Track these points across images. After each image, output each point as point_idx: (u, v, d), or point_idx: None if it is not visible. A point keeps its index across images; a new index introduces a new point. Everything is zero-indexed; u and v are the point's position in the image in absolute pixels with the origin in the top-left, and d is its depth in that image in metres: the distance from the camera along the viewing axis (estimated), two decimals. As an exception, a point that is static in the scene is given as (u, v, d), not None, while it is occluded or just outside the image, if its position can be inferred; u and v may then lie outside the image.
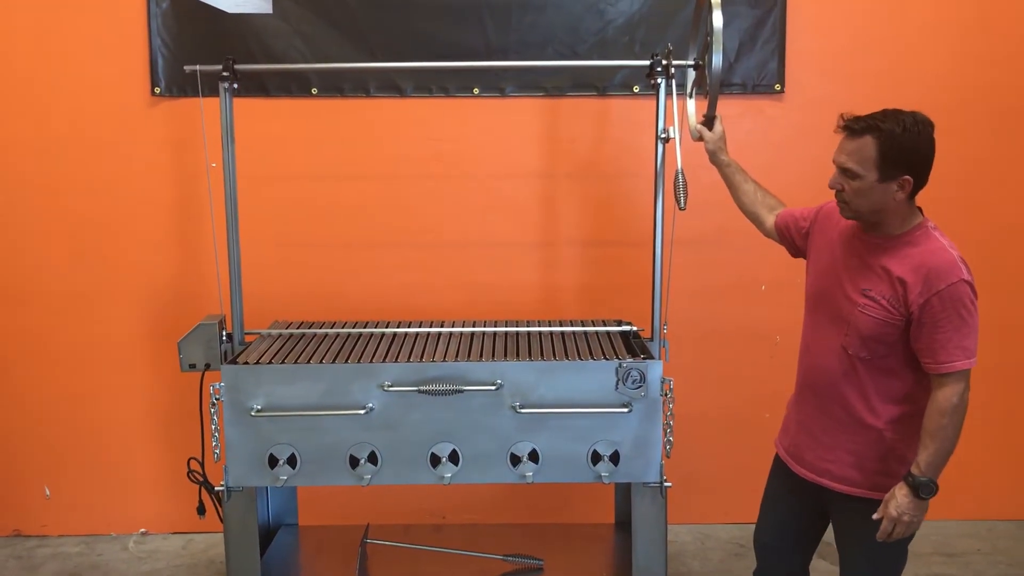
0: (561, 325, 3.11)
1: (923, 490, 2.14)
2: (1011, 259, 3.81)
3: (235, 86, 2.88)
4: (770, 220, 2.63)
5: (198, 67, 2.87)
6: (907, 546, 2.35)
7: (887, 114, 2.15)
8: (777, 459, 2.55)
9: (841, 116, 2.21)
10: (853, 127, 2.17)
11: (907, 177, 2.14)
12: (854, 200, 2.21)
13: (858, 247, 2.29)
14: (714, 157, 2.73)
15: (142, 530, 3.91)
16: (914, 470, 2.16)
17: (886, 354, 2.22)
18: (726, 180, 2.74)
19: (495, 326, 3.10)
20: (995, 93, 3.71)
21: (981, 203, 3.77)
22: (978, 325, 2.16)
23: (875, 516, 2.21)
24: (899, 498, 2.16)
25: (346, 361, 2.72)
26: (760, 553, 2.62)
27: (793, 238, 2.55)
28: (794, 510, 2.50)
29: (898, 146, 2.12)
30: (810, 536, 2.54)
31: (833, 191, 2.28)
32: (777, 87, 3.66)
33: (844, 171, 2.20)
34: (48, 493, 3.87)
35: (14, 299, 3.74)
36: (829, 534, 2.52)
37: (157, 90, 3.62)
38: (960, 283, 2.12)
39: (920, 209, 2.27)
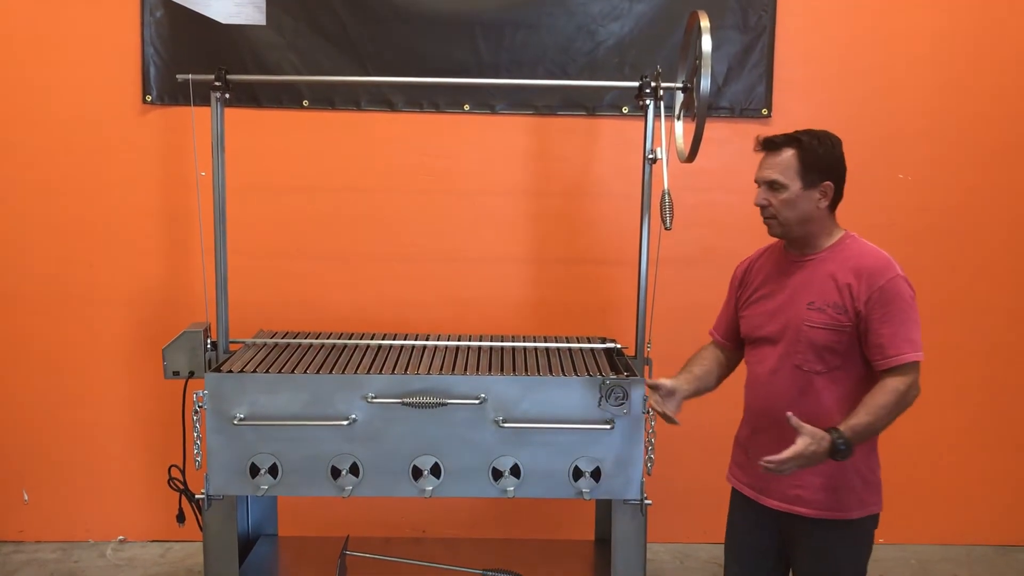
0: (546, 341, 3.13)
1: (839, 449, 2.12)
2: (996, 285, 3.86)
3: (227, 96, 2.90)
4: (723, 351, 2.60)
5: (190, 76, 2.89)
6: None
7: (800, 131, 2.30)
8: (737, 496, 2.53)
9: (758, 137, 2.34)
10: (775, 141, 2.30)
11: (828, 183, 2.28)
12: (782, 212, 2.29)
13: (793, 268, 2.36)
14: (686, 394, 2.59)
15: (120, 537, 3.89)
16: (841, 427, 2.15)
17: (840, 364, 2.26)
18: (703, 391, 2.61)
19: (480, 340, 3.11)
20: (979, 122, 3.77)
21: (965, 230, 3.82)
22: (919, 320, 2.23)
23: (793, 423, 2.15)
24: (819, 441, 2.11)
25: (330, 372, 2.73)
26: None
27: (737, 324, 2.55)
28: (763, 545, 2.48)
29: (816, 155, 2.27)
30: (780, 570, 2.51)
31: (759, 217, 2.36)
32: (764, 112, 3.71)
33: (769, 184, 2.30)
34: (26, 498, 3.85)
35: (-2, 302, 3.74)
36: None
37: (148, 98, 3.63)
38: (897, 278, 2.22)
39: (844, 229, 2.37)
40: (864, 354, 2.25)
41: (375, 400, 2.66)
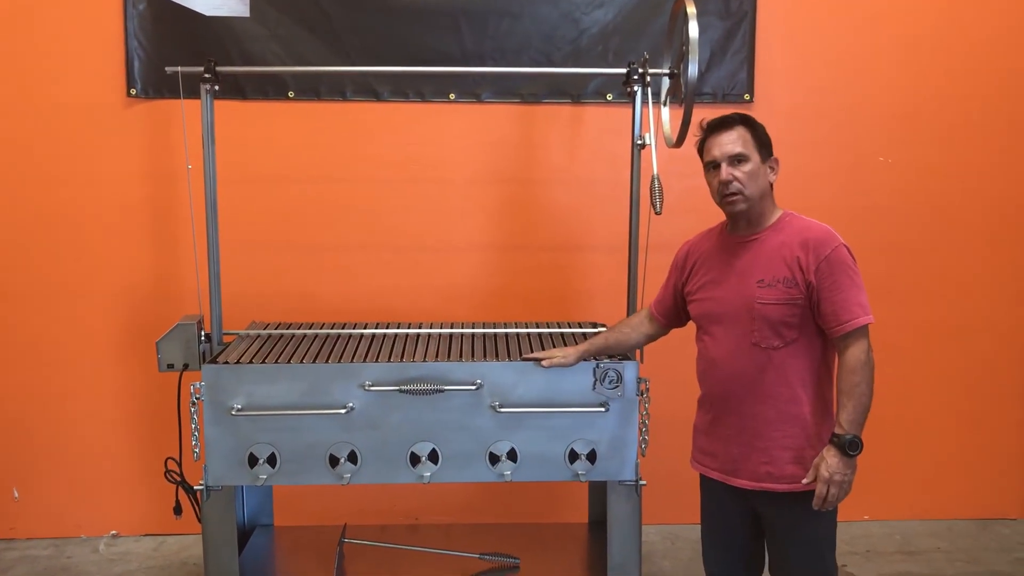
0: (539, 327, 3.16)
1: (850, 447, 2.20)
2: (976, 264, 3.94)
3: (216, 88, 2.90)
4: (653, 324, 2.72)
5: (179, 68, 2.89)
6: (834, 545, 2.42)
7: (737, 112, 2.40)
8: (706, 480, 2.55)
9: (702, 121, 2.41)
10: (728, 120, 2.36)
11: (775, 157, 2.39)
12: (748, 185, 2.33)
13: (738, 250, 2.40)
14: (589, 355, 2.74)
15: (113, 532, 3.88)
16: (837, 430, 2.23)
17: (796, 337, 2.30)
18: (615, 351, 2.77)
19: (474, 327, 3.14)
20: (961, 104, 3.84)
21: (945, 212, 3.89)
22: (864, 285, 2.29)
23: (805, 481, 2.27)
24: (829, 459, 2.22)
25: (327, 361, 2.74)
26: None
27: (676, 304, 2.62)
28: (735, 525, 2.51)
29: (761, 132, 2.37)
30: (759, 556, 2.55)
31: (714, 199, 2.41)
32: (747, 97, 3.76)
33: (734, 157, 2.33)
34: (16, 495, 3.83)
35: (-15, 298, 3.72)
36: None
37: (133, 91, 3.62)
38: (840, 247, 2.29)
39: (781, 208, 2.43)
40: (818, 323, 2.30)
41: (372, 388, 2.68)
